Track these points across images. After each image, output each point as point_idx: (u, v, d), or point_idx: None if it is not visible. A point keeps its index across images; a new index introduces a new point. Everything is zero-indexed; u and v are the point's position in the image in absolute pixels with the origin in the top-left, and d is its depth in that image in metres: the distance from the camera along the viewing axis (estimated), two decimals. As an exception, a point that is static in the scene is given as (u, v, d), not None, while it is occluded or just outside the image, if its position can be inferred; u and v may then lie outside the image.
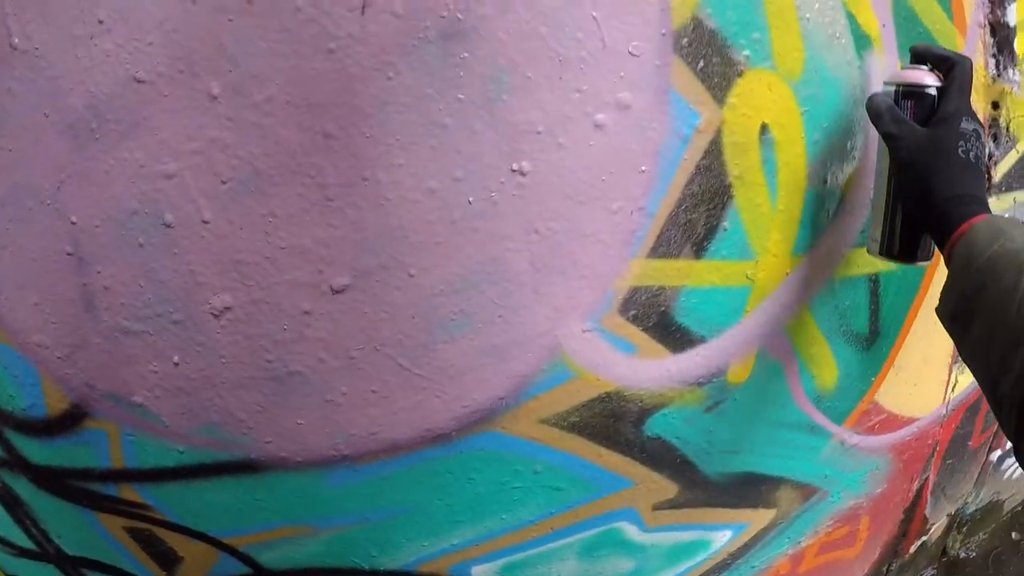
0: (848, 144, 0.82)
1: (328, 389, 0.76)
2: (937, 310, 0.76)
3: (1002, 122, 0.89)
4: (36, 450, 0.85)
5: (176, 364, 0.77)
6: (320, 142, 0.69)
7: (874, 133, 0.78)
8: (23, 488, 0.89)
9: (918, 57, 0.79)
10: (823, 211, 0.82)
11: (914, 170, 0.75)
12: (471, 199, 0.70)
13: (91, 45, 0.70)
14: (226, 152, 0.70)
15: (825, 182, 0.81)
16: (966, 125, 0.75)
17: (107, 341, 0.78)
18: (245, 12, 0.68)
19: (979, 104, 0.87)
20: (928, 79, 0.77)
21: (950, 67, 0.76)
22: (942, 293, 0.74)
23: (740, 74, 0.73)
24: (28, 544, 0.97)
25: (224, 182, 0.71)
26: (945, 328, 0.76)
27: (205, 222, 0.72)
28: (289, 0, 0.67)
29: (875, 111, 0.77)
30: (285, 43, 0.68)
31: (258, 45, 0.68)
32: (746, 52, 0.73)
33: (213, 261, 0.73)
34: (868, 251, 0.81)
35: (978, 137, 0.75)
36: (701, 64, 0.72)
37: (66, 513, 0.89)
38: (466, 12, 0.67)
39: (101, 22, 0.70)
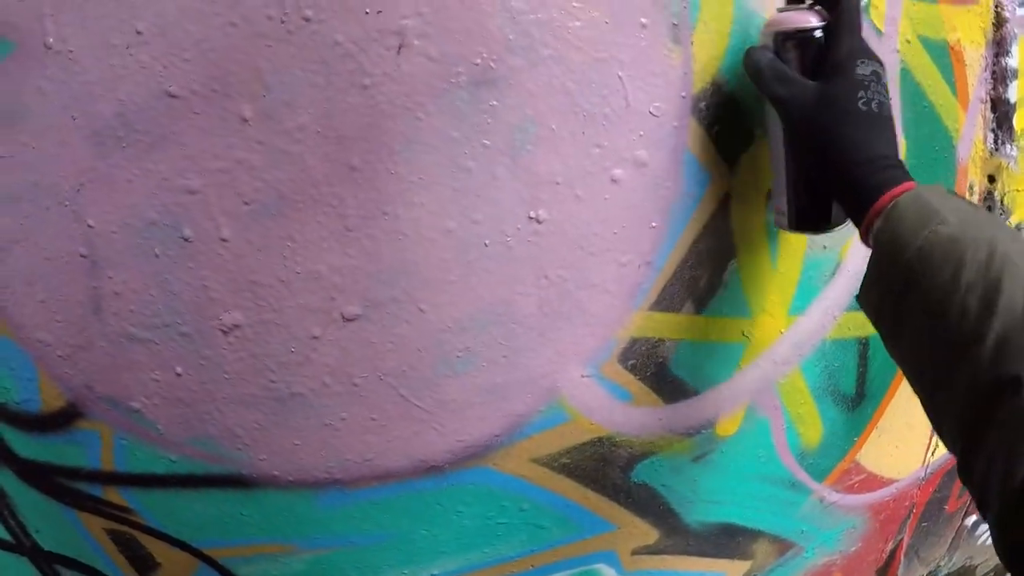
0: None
1: (328, 413, 0.78)
2: (858, 298, 0.66)
3: (997, 195, 0.93)
4: (25, 444, 0.86)
5: (178, 375, 0.78)
6: (345, 173, 0.71)
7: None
8: (6, 479, 0.89)
9: None
10: (820, 274, 0.85)
11: (810, 135, 0.65)
12: (487, 242, 0.73)
13: (127, 55, 0.72)
14: (252, 174, 0.72)
15: (824, 247, 0.84)
16: (863, 69, 0.64)
17: (111, 345, 0.79)
18: (285, 40, 0.70)
19: (976, 177, 0.92)
20: (812, 19, 0.68)
21: (835, 1, 0.66)
22: (864, 282, 0.64)
23: (752, 141, 0.77)
24: (3, 535, 0.97)
25: (247, 203, 0.73)
26: (868, 318, 0.66)
27: (224, 240, 0.74)
28: (329, 34, 0.69)
29: (754, 68, 0.68)
30: (321, 74, 0.70)
31: (294, 74, 0.70)
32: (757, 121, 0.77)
33: (228, 279, 0.75)
34: (776, 225, 0.74)
35: (878, 80, 0.65)
36: (716, 128, 0.76)
37: (47, 509, 0.90)
38: (499, 62, 0.70)
39: (140, 33, 0.72)
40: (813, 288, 0.86)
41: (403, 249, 0.72)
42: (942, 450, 1.13)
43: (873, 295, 0.63)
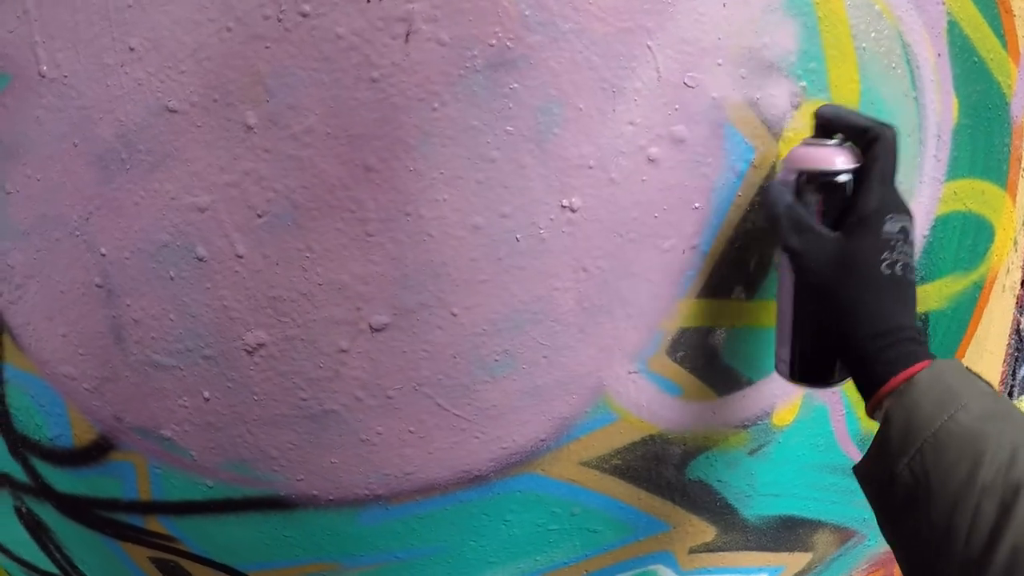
0: (903, 178, 0.72)
1: (364, 428, 0.67)
2: (857, 471, 0.55)
3: None
4: (62, 479, 0.77)
5: (207, 399, 0.69)
6: (360, 175, 0.61)
7: (930, 168, 0.69)
8: (48, 515, 0.81)
9: (826, 125, 0.58)
10: None
11: (825, 296, 0.54)
12: (519, 236, 0.62)
13: (122, 73, 0.62)
14: (262, 185, 0.62)
15: None
16: (891, 226, 0.52)
17: (136, 374, 0.70)
18: (283, 40, 0.59)
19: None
20: (840, 160, 0.55)
21: (870, 141, 0.54)
22: (868, 457, 0.53)
23: (796, 106, 0.65)
24: (52, 569, 0.88)
25: (260, 215, 0.63)
26: (863, 492, 0.55)
27: (239, 256, 0.64)
28: (329, 27, 0.59)
29: (770, 211, 0.57)
30: (325, 72, 0.59)
31: (296, 74, 0.60)
32: (803, 83, 0.64)
33: (247, 296, 0.65)
34: (776, 371, 0.62)
35: (906, 238, 0.53)
36: (758, 96, 0.64)
37: (91, 541, 0.81)
38: (516, 41, 0.58)
39: (133, 49, 0.62)
40: None
41: (429, 251, 0.62)
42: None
43: (875, 475, 0.52)
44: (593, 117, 0.60)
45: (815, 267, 0.54)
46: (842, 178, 0.55)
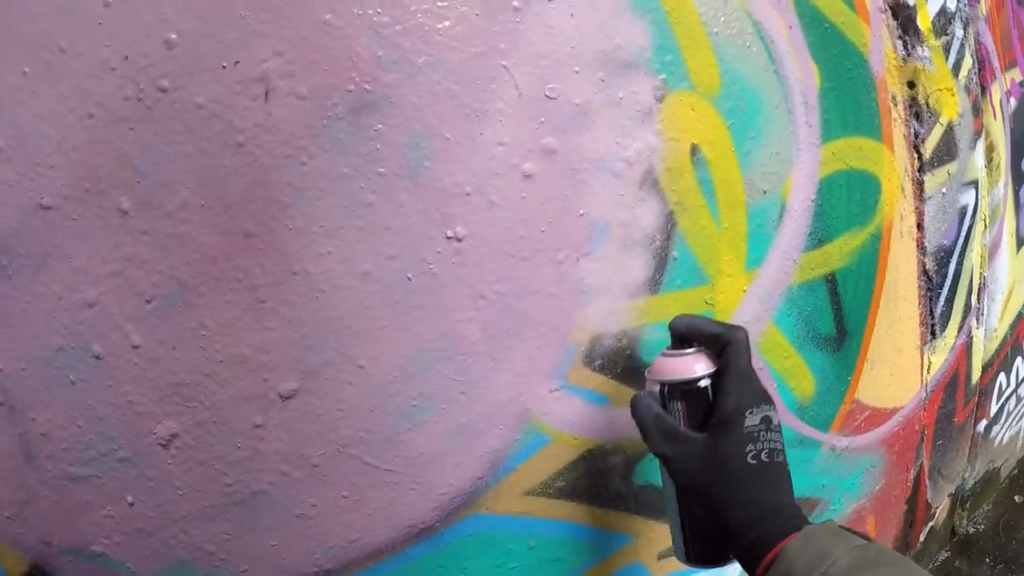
0: (780, 149, 0.70)
1: (296, 503, 0.61)
2: None
3: (921, 99, 0.79)
4: (1, 621, 0.69)
5: (131, 504, 0.62)
6: (241, 242, 0.56)
7: (804, 134, 0.67)
8: (-6, 663, 0.72)
9: (681, 335, 0.58)
10: (768, 221, 0.70)
11: (700, 494, 0.54)
12: (409, 275, 0.57)
13: None
14: (145, 268, 0.57)
15: (764, 192, 0.69)
16: (752, 420, 0.53)
17: (54, 492, 0.63)
18: (146, 118, 0.56)
19: (896, 88, 0.77)
20: (698, 367, 0.56)
21: (723, 345, 0.55)
22: None
23: (660, 99, 0.62)
24: None
25: (148, 301, 0.57)
26: None
27: (135, 347, 0.58)
28: (189, 99, 0.55)
29: (641, 424, 0.57)
30: (190, 143, 0.55)
31: (163, 151, 0.56)
32: (662, 76, 0.62)
33: (151, 387, 0.59)
34: (675, 557, 0.61)
35: (768, 426, 0.54)
36: (620, 95, 0.61)
37: None
38: (373, 82, 0.55)
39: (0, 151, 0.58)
40: (764, 237, 0.70)
41: (323, 307, 0.57)
42: (936, 366, 0.97)
43: None
44: (462, 144, 0.57)
45: (686, 469, 0.55)
46: (702, 383, 0.56)
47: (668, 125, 0.62)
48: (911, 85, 0.78)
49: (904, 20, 0.76)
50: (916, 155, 0.81)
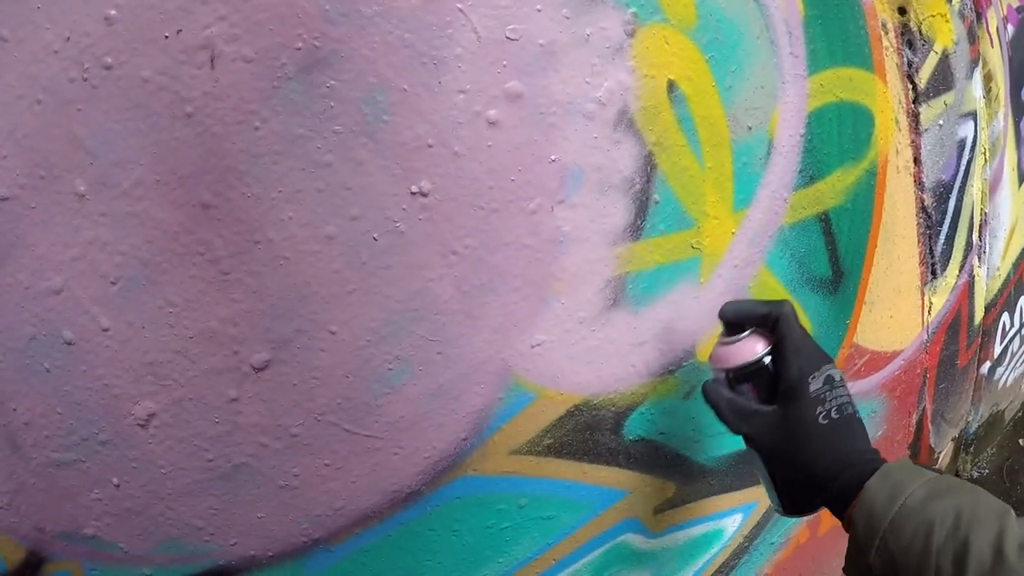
0: (764, 83, 0.67)
1: (279, 474, 0.60)
2: (845, 571, 0.59)
3: (913, 26, 0.74)
4: (5, 607, 0.69)
5: (117, 486, 0.61)
6: (200, 215, 0.54)
7: (789, 66, 0.63)
8: (3, 649, 0.72)
9: (732, 321, 0.61)
10: (755, 159, 0.67)
11: (781, 459, 0.59)
12: (375, 236, 0.55)
13: None
14: (107, 250, 0.56)
15: (749, 128, 0.66)
16: (815, 384, 0.57)
17: (42, 479, 0.62)
18: (92, 98, 0.54)
19: (886, 15, 0.72)
20: (757, 348, 0.59)
21: (774, 322, 0.59)
22: (848, 558, 0.57)
23: (631, 34, 0.59)
24: None
25: (113, 282, 0.56)
26: None
27: (105, 330, 0.57)
28: (135, 74, 0.53)
29: (716, 411, 0.61)
30: (140, 119, 0.54)
31: (112, 129, 0.54)
32: (632, 10, 0.59)
33: (124, 369, 0.58)
34: (775, 510, 0.64)
35: (832, 384, 0.57)
36: (588, 32, 0.58)
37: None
38: (322, 38, 0.53)
39: None
40: (751, 176, 0.67)
41: (289, 274, 0.55)
42: (937, 307, 0.93)
43: (856, 571, 0.56)
44: (420, 95, 0.55)
45: (766, 440, 0.59)
46: (764, 361, 0.59)
47: (641, 61, 0.59)
48: (902, 11, 0.73)
49: None
50: (910, 85, 0.77)
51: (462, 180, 0.57)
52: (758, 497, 0.77)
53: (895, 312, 0.87)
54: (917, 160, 0.81)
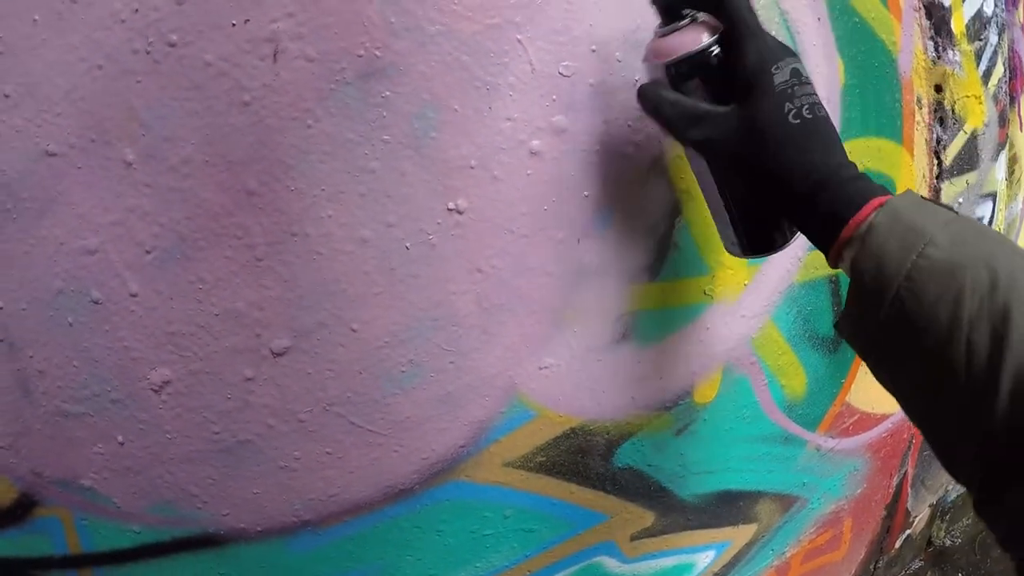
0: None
1: (280, 455, 0.66)
2: (840, 329, 0.52)
3: (947, 105, 0.81)
4: (-9, 543, 0.75)
5: (121, 444, 0.67)
6: (243, 200, 0.60)
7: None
8: (-18, 582, 0.79)
9: (668, 6, 0.53)
10: None
11: (745, 169, 0.51)
12: (408, 244, 0.61)
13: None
14: (146, 220, 0.61)
15: None
16: (781, 76, 0.49)
17: (48, 426, 0.68)
18: (153, 72, 0.59)
19: (922, 90, 0.79)
20: (702, 36, 0.51)
21: (716, 4, 0.51)
22: (844, 313, 0.50)
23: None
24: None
25: (148, 252, 0.62)
26: (853, 348, 0.52)
27: (133, 295, 0.63)
28: (198, 55, 0.58)
29: (657, 115, 0.53)
30: (197, 100, 0.59)
31: (169, 105, 0.59)
32: (679, 63, 0.64)
33: (146, 335, 0.64)
34: (730, 253, 0.60)
35: (800, 79, 0.49)
36: (637, 78, 0.64)
37: (31, 603, 0.79)
38: (384, 49, 0.58)
39: (7, 96, 0.61)
40: None
41: (320, 269, 0.61)
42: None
43: (858, 330, 0.50)
44: (469, 117, 0.60)
45: (726, 148, 0.51)
46: (712, 50, 0.52)
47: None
48: (938, 89, 0.80)
49: (937, 21, 0.78)
50: (936, 161, 0.83)
51: (497, 203, 0.63)
52: (733, 537, 0.84)
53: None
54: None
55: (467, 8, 0.59)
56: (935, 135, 0.82)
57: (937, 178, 0.84)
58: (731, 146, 0.51)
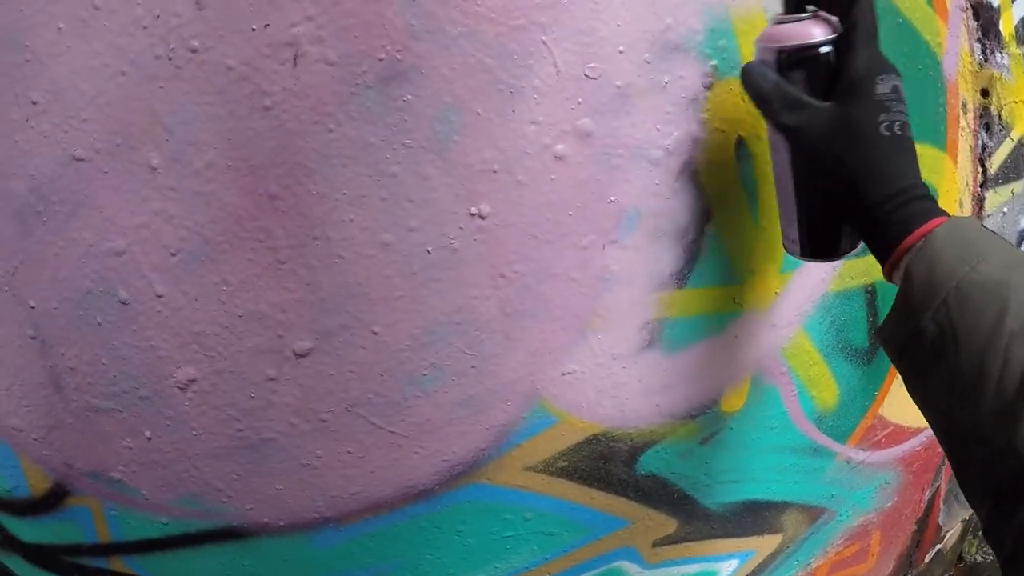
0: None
1: (303, 453, 0.69)
2: (880, 335, 0.56)
3: (993, 110, 0.79)
4: (25, 529, 0.80)
5: (149, 439, 0.71)
6: (265, 204, 0.62)
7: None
8: (18, 566, 0.84)
9: None
10: None
11: (828, 166, 0.54)
12: (429, 249, 0.63)
13: (28, 127, 0.65)
14: (172, 223, 0.64)
15: None
16: (883, 87, 0.52)
17: (79, 420, 0.72)
18: (176, 77, 0.61)
19: (968, 94, 0.77)
20: (818, 31, 0.55)
21: (849, 4, 0.54)
22: (889, 318, 0.54)
23: (709, 87, 0.65)
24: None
25: (173, 254, 0.64)
26: (887, 355, 0.56)
27: (159, 296, 0.66)
28: (219, 60, 0.60)
29: (756, 93, 0.56)
30: (219, 105, 0.61)
31: (192, 110, 0.61)
32: (713, 62, 0.64)
33: (172, 335, 0.67)
34: (787, 251, 0.63)
35: (899, 97, 0.53)
36: (666, 80, 0.63)
37: (63, 587, 0.84)
38: (405, 52, 0.59)
39: (35, 103, 0.64)
40: None
41: (342, 272, 0.63)
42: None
43: (899, 333, 0.53)
44: (492, 120, 0.61)
45: (814, 140, 0.55)
46: (825, 49, 0.55)
47: (714, 115, 0.65)
48: (985, 93, 0.77)
49: (985, 22, 0.75)
50: (980, 169, 0.81)
51: (521, 208, 0.63)
52: (757, 547, 0.85)
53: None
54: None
55: (490, 9, 0.60)
56: (980, 142, 0.80)
57: (981, 186, 0.82)
58: (820, 140, 0.54)
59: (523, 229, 0.64)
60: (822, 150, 0.54)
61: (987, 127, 0.79)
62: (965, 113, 0.77)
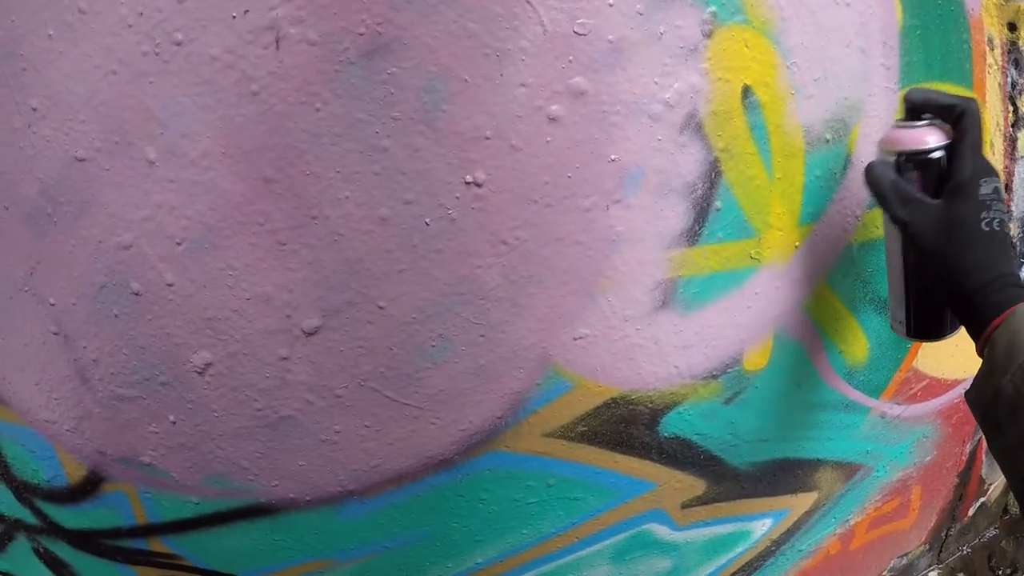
0: (849, 94, 0.75)
1: (321, 429, 0.77)
2: (967, 397, 0.68)
3: (1022, 45, 0.78)
4: (67, 516, 0.91)
5: (173, 423, 0.79)
6: (261, 188, 0.68)
7: (880, 78, 0.70)
8: (63, 551, 0.95)
9: (915, 107, 0.70)
10: (829, 173, 0.76)
11: (934, 256, 0.68)
12: (427, 220, 0.68)
13: (30, 133, 0.72)
14: (174, 214, 0.71)
15: (827, 140, 0.75)
16: (985, 188, 0.66)
17: (107, 409, 0.81)
18: (164, 72, 0.67)
19: (993, 29, 0.77)
20: (932, 139, 0.68)
21: (958, 116, 0.67)
22: (975, 382, 0.67)
23: (708, 35, 0.67)
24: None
25: (179, 243, 0.71)
26: (974, 417, 0.68)
27: (170, 285, 0.73)
28: (204, 51, 0.66)
29: (878, 190, 0.69)
30: (208, 94, 0.67)
31: (182, 102, 0.68)
32: (711, 8, 0.67)
33: (185, 321, 0.74)
34: (894, 331, 0.76)
35: (998, 196, 0.66)
36: (662, 31, 0.66)
37: (106, 570, 0.95)
38: (385, 24, 0.64)
39: (35, 109, 0.72)
40: (824, 190, 0.77)
41: (342, 250, 0.69)
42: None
43: (984, 394, 0.66)
44: (481, 86, 0.65)
45: (924, 233, 0.68)
46: (937, 154, 0.68)
47: (716, 64, 0.68)
48: (1012, 28, 0.77)
49: None
50: (1011, 108, 0.81)
51: (517, 173, 0.68)
52: (792, 505, 0.90)
53: (962, 342, 0.94)
54: (1008, 187, 0.87)
55: (470, -29, 0.63)
56: (1010, 79, 0.80)
57: (1012, 126, 0.83)
58: (928, 232, 0.67)
59: (521, 194, 0.69)
60: (930, 242, 0.68)
61: (1016, 63, 0.79)
62: (992, 49, 0.77)
